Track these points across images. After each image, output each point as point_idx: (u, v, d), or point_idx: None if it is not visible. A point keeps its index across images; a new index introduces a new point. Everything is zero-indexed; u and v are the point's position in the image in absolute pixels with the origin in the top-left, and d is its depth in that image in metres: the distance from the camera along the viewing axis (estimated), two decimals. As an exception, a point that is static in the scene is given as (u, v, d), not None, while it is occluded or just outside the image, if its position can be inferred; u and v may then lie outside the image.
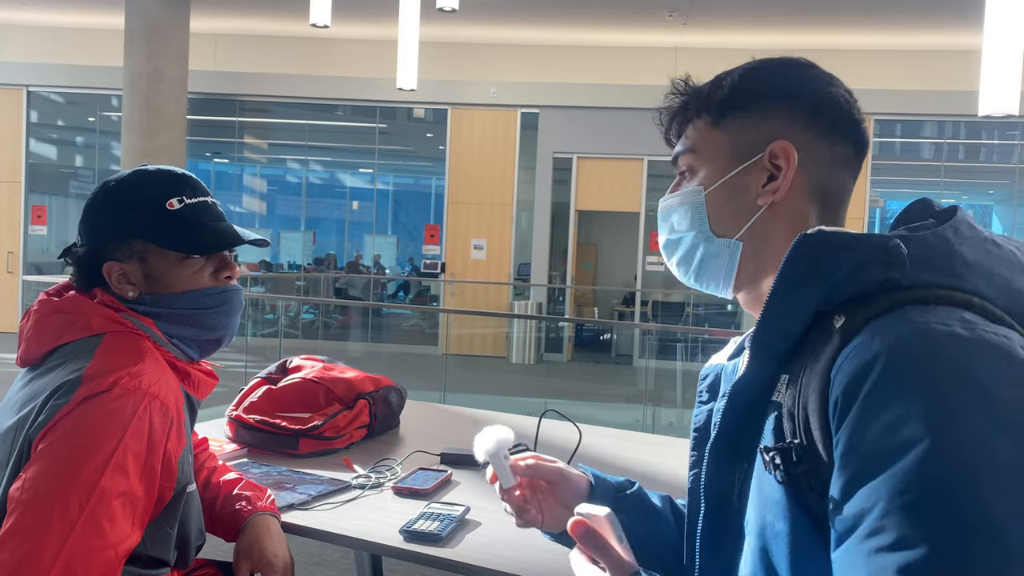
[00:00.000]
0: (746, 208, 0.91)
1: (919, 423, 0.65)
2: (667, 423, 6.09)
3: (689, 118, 0.97)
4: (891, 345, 0.70)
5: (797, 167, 0.89)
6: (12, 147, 10.59)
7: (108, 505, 1.08)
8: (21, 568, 1.01)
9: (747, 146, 0.92)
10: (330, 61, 10.66)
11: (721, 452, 0.88)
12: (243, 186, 14.37)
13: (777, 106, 0.91)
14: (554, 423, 2.07)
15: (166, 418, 1.17)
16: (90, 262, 1.27)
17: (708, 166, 0.94)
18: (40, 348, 1.24)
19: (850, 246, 0.79)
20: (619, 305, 11.46)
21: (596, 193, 10.14)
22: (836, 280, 0.78)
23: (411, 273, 12.27)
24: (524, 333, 10.04)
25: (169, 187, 1.30)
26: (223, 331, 1.35)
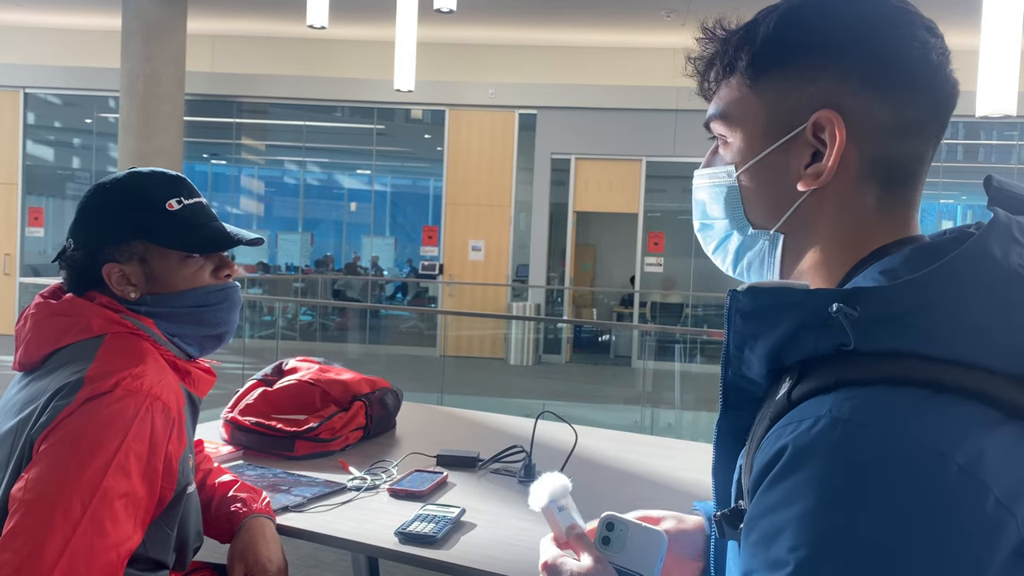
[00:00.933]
0: (786, 194, 0.74)
1: (788, 543, 0.57)
2: (665, 424, 6.08)
3: (724, 73, 0.78)
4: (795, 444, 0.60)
5: (848, 141, 0.70)
6: (9, 149, 10.58)
7: (110, 506, 1.08)
8: (24, 568, 1.01)
9: (787, 115, 0.73)
10: (327, 62, 10.65)
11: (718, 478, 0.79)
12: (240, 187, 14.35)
13: (825, 61, 0.71)
14: (551, 424, 2.06)
15: (168, 419, 1.17)
16: (88, 265, 1.27)
17: (742, 138, 0.77)
18: (40, 351, 1.23)
19: (786, 306, 0.66)
20: (617, 306, 11.45)
21: (594, 194, 10.14)
22: (778, 343, 0.66)
23: (410, 275, 12.26)
24: (522, 334, 10.04)
25: (167, 188, 1.30)
26: (225, 327, 1.36)
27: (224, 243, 1.33)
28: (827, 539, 0.56)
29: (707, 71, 0.79)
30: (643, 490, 1.77)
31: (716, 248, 0.83)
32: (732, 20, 0.78)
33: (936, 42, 0.71)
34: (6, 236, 10.57)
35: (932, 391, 0.59)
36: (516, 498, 1.64)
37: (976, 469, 0.55)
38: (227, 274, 1.36)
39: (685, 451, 2.11)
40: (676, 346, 7.17)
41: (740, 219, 0.79)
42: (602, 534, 0.87)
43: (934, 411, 0.58)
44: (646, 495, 1.72)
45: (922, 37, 0.71)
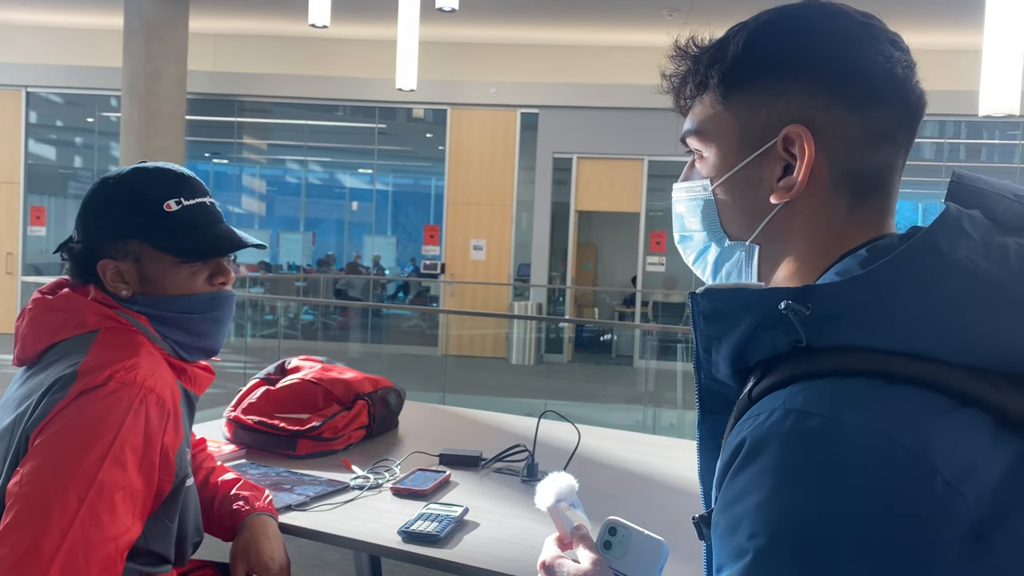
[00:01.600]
0: (760, 206, 0.76)
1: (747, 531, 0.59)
2: (668, 424, 6.08)
3: (694, 91, 0.80)
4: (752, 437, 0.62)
5: (818, 153, 0.72)
6: (11, 148, 10.58)
7: (107, 498, 1.08)
8: (22, 563, 1.01)
9: (758, 130, 0.75)
10: (329, 61, 10.65)
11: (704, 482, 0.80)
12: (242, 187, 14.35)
13: (794, 77, 0.73)
14: (553, 424, 2.06)
15: (162, 411, 1.17)
16: (86, 258, 1.27)
17: (716, 153, 0.78)
18: (36, 346, 1.23)
19: (743, 307, 0.68)
20: (619, 306, 11.45)
21: (596, 193, 10.13)
22: (738, 343, 0.69)
23: (412, 274, 12.26)
24: (524, 334, 10.03)
25: (168, 187, 1.28)
26: (211, 340, 1.33)
27: (218, 249, 1.30)
28: (781, 525, 0.58)
29: (681, 87, 0.81)
30: (646, 490, 1.76)
31: (696, 259, 0.85)
32: (704, 37, 0.80)
33: (901, 56, 0.74)
34: (8, 235, 10.58)
35: (883, 381, 0.61)
36: (519, 497, 1.64)
37: (923, 452, 0.57)
38: (222, 282, 1.32)
39: (688, 451, 2.11)
40: (678, 346, 7.17)
41: (717, 231, 0.80)
42: (604, 538, 0.87)
43: (883, 399, 0.60)
44: (649, 495, 1.72)
45: (887, 51, 0.73)
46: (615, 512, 0.92)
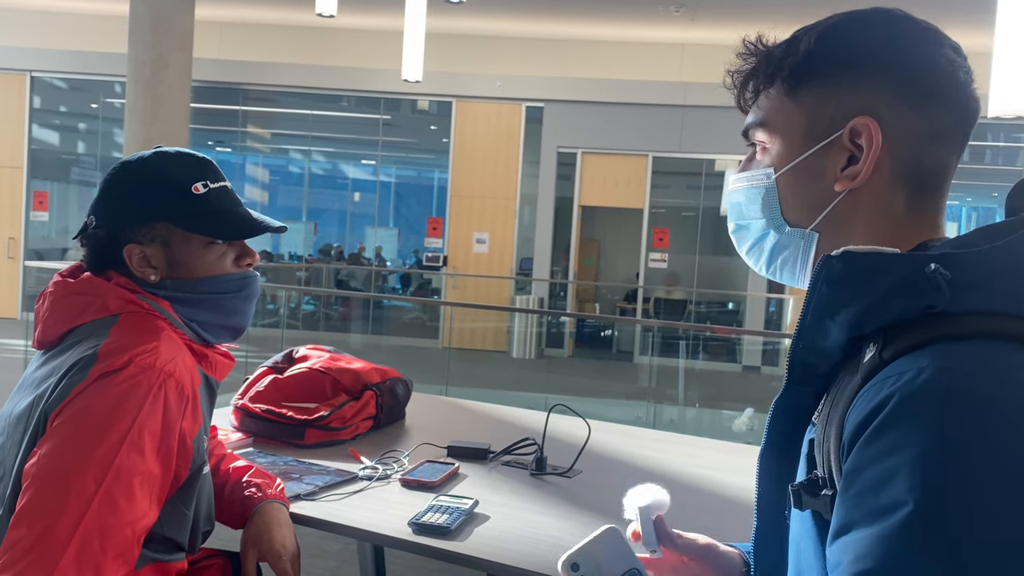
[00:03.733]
0: (822, 195, 0.79)
1: (906, 484, 0.60)
2: (668, 420, 6.08)
3: (762, 85, 0.84)
4: (901, 393, 0.63)
5: (883, 146, 0.76)
6: (14, 132, 10.56)
7: (124, 483, 1.07)
8: (39, 545, 1.01)
9: (825, 122, 0.79)
10: (335, 51, 10.62)
11: (769, 467, 0.83)
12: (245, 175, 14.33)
13: (861, 74, 0.77)
14: (561, 418, 2.05)
15: (182, 397, 1.17)
16: (109, 244, 1.25)
17: (780, 144, 0.82)
18: (57, 329, 1.23)
19: (879, 271, 0.71)
20: (621, 302, 11.44)
21: (600, 189, 10.12)
22: (865, 308, 0.71)
23: (414, 266, 12.26)
24: (525, 328, 10.03)
25: (193, 171, 1.29)
26: (242, 316, 1.35)
27: (250, 230, 1.31)
28: (948, 477, 0.59)
29: (745, 84, 0.86)
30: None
31: (751, 248, 0.88)
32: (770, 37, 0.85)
33: (962, 62, 0.78)
34: (11, 220, 10.56)
35: (1020, 345, 0.65)
36: (528, 491, 1.64)
37: None
38: (248, 263, 1.34)
39: (695, 446, 2.11)
40: (680, 342, 7.17)
41: (777, 218, 0.84)
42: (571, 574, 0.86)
43: None
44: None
45: (950, 56, 0.78)
46: None
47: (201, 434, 1.23)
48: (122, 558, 1.07)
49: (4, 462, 1.14)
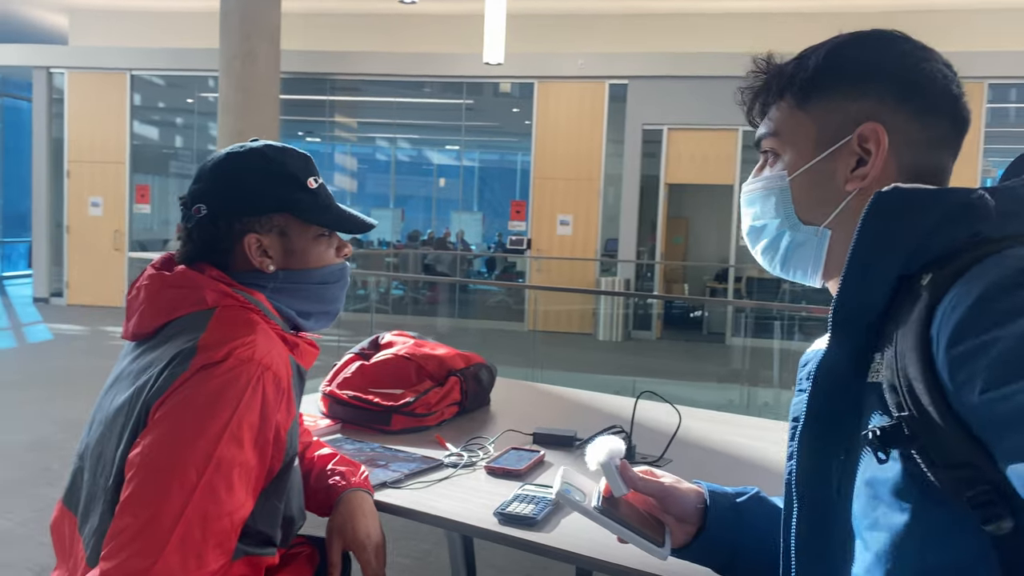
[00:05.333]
0: (834, 194, 0.88)
1: None
2: (762, 404, 5.89)
3: (772, 99, 0.93)
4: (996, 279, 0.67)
5: (888, 150, 0.84)
6: (117, 129, 11.06)
7: (225, 474, 1.08)
8: (144, 533, 1.03)
9: (834, 129, 0.87)
10: (418, 38, 10.69)
11: (811, 443, 0.83)
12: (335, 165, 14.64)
13: (866, 86, 0.86)
14: (649, 403, 1.99)
15: (279, 389, 1.17)
16: (223, 233, 1.26)
17: (792, 150, 0.91)
18: (154, 322, 1.24)
19: (931, 202, 0.77)
20: (711, 281, 11.17)
21: (687, 166, 9.87)
22: (918, 239, 0.76)
23: (498, 249, 12.28)
24: (611, 310, 9.91)
25: (306, 165, 1.33)
26: (339, 304, 1.41)
27: (362, 225, 1.36)
28: None
29: (755, 99, 0.95)
30: (751, 476, 1.68)
31: (766, 247, 0.95)
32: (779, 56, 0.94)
33: (954, 76, 0.87)
34: (116, 213, 11.08)
35: None
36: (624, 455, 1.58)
37: None
38: (346, 253, 1.39)
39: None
40: (774, 323, 6.94)
41: (792, 217, 0.91)
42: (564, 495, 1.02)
43: None
44: (752, 480, 1.63)
45: (944, 71, 0.87)
46: None
47: (294, 426, 1.24)
48: (221, 547, 1.08)
49: (104, 454, 1.16)
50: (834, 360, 0.80)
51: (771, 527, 1.00)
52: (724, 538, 1.02)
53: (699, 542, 1.03)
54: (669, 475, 1.09)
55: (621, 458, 1.03)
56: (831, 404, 0.80)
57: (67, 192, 11.10)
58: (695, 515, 1.04)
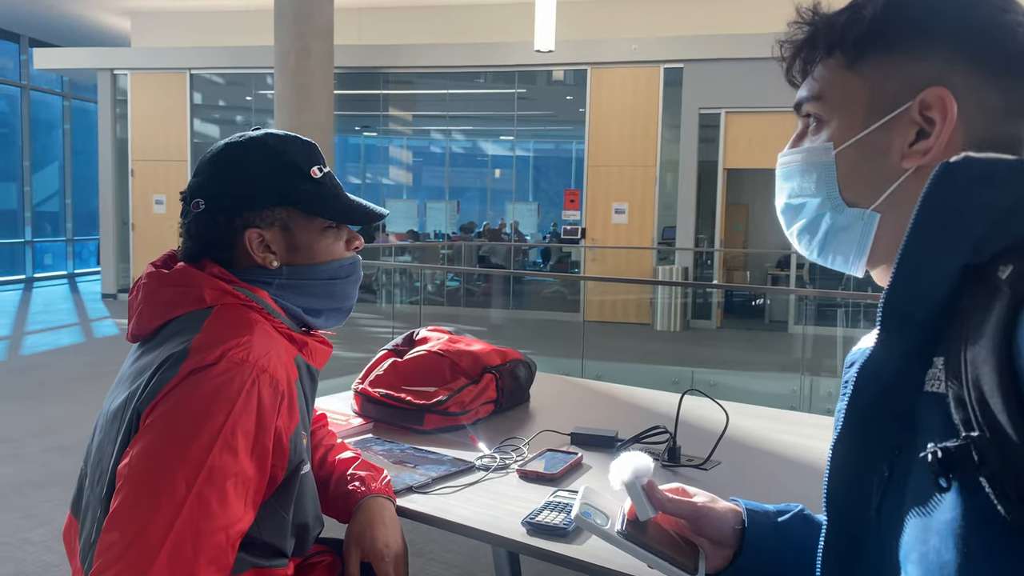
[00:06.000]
0: (886, 172, 0.73)
1: None
2: (826, 393, 5.66)
3: (818, 55, 0.78)
4: None
5: (956, 120, 0.70)
6: (178, 128, 11.29)
7: (217, 485, 1.01)
8: (131, 549, 0.96)
9: (891, 94, 0.73)
10: (468, 28, 10.62)
11: (848, 453, 0.72)
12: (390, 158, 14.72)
13: (933, 42, 0.72)
14: (698, 400, 1.87)
15: (276, 393, 1.10)
16: (223, 229, 1.20)
17: (840, 118, 0.76)
18: (152, 322, 1.18)
19: (1011, 175, 0.65)
20: (773, 268, 10.86)
21: (746, 150, 9.59)
22: (993, 221, 0.64)
23: (552, 239, 12.17)
24: (669, 299, 9.71)
25: (309, 154, 1.25)
26: (351, 300, 1.33)
27: (370, 215, 1.28)
28: None
29: (796, 55, 0.80)
30: (803, 480, 1.55)
31: (803, 228, 0.81)
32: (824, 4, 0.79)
33: None
34: (179, 210, 11.30)
35: None
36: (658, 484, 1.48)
37: None
38: (356, 246, 1.31)
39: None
40: (838, 310, 6.68)
41: (835, 197, 0.77)
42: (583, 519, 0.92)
43: None
44: (806, 486, 1.51)
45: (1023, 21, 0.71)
46: None
47: (299, 431, 1.16)
48: (216, 564, 1.01)
49: (102, 461, 1.11)
50: (882, 361, 0.68)
51: (816, 550, 0.89)
52: (764, 562, 0.92)
53: (736, 567, 0.93)
54: (703, 493, 0.98)
55: (648, 477, 0.93)
56: (875, 411, 0.69)
57: (132, 191, 11.39)
58: (732, 537, 0.93)
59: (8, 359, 7.24)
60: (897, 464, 0.66)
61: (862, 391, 0.70)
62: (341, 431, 1.74)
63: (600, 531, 0.92)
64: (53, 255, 14.72)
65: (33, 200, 13.96)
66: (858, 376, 0.70)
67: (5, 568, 2.98)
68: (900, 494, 0.65)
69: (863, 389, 0.70)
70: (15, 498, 3.68)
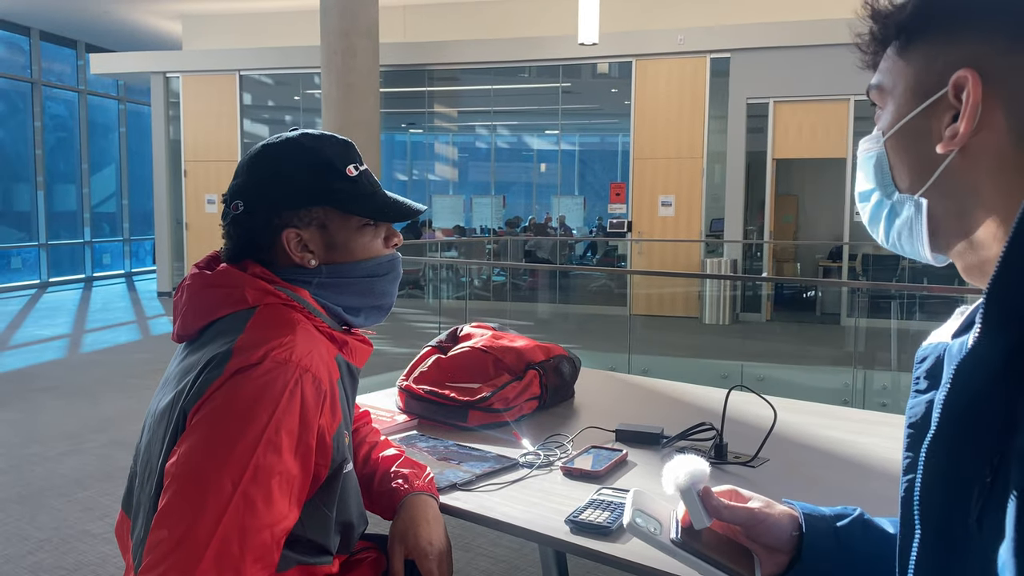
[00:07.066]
0: (926, 157, 0.73)
1: None
2: (880, 387, 5.53)
3: (878, 47, 0.79)
4: None
5: (994, 101, 0.68)
6: (229, 128, 11.51)
7: (263, 484, 1.03)
8: (179, 548, 0.99)
9: (932, 79, 0.72)
10: (512, 22, 10.61)
11: (945, 457, 0.67)
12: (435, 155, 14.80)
13: (970, 22, 0.70)
14: (746, 396, 1.84)
15: (319, 392, 1.11)
16: (261, 229, 1.21)
17: (891, 105, 0.77)
18: (196, 323, 1.20)
19: None
20: (824, 260, 10.64)
21: (795, 140, 9.40)
22: None
23: (598, 233, 12.10)
24: (718, 292, 9.58)
25: (344, 153, 1.25)
26: (390, 298, 1.33)
27: (408, 212, 1.28)
28: None
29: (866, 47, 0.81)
30: (853, 478, 1.51)
31: (871, 217, 0.82)
32: None
33: None
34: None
35: None
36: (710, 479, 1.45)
37: None
38: (395, 243, 1.31)
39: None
40: (892, 302, 6.51)
41: (888, 185, 0.78)
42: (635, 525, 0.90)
43: None
44: (856, 485, 1.47)
45: None
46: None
47: (341, 430, 1.17)
48: (262, 562, 1.03)
49: (150, 460, 1.13)
50: (985, 357, 0.64)
51: (878, 557, 0.86)
52: (822, 570, 0.89)
53: (794, 574, 0.90)
54: (758, 497, 0.95)
55: (704, 483, 0.90)
56: (976, 411, 0.64)
57: (185, 191, 11.65)
58: (789, 543, 0.90)
59: (68, 356, 7.47)
60: (1001, 468, 0.61)
61: (961, 389, 0.66)
62: (386, 428, 1.76)
63: (654, 540, 0.90)
64: (111, 255, 15.15)
65: (91, 202, 14.39)
66: (955, 373, 0.67)
67: (67, 559, 3.08)
68: (1003, 502, 0.60)
69: (962, 387, 0.66)
70: (76, 491, 3.80)
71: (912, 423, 0.73)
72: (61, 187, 14.12)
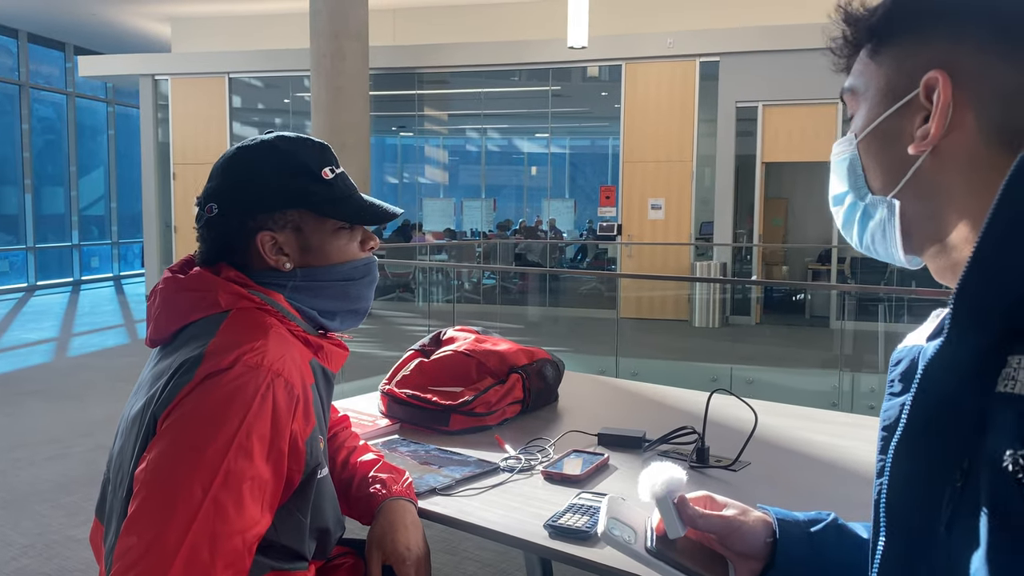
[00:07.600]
0: (898, 159, 0.73)
1: None
2: (868, 390, 5.55)
3: (851, 51, 0.80)
4: None
5: (964, 102, 0.68)
6: (218, 131, 11.47)
7: (233, 490, 1.02)
8: (149, 553, 0.97)
9: (904, 81, 0.72)
10: (501, 26, 10.61)
11: (913, 462, 0.66)
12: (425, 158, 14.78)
13: (941, 23, 0.70)
14: (729, 400, 1.84)
15: (291, 396, 1.10)
16: (235, 232, 1.20)
17: (863, 108, 0.77)
18: (169, 327, 1.19)
19: None
20: (813, 263, 10.68)
21: (785, 143, 9.44)
22: None
23: (588, 236, 12.11)
24: (707, 295, 9.60)
25: (319, 155, 1.24)
26: (366, 302, 1.32)
27: (384, 215, 1.27)
28: None
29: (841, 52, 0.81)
30: (833, 482, 1.51)
31: (844, 220, 0.81)
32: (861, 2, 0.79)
33: None
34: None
35: None
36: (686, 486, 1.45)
37: None
38: (372, 246, 1.30)
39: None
40: (880, 305, 6.54)
41: (861, 187, 0.78)
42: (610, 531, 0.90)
43: None
44: (835, 489, 1.47)
45: None
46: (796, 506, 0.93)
47: (315, 435, 1.16)
48: (233, 568, 1.01)
49: (122, 466, 1.12)
50: (953, 358, 0.63)
51: (851, 562, 0.85)
52: (796, 575, 0.89)
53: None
54: (733, 503, 0.95)
55: (680, 492, 0.91)
56: (944, 413, 0.64)
57: (174, 194, 11.61)
58: (763, 550, 0.90)
59: (55, 360, 7.42)
60: (971, 473, 0.60)
61: (928, 391, 0.65)
62: (368, 432, 1.75)
63: (628, 549, 0.90)
64: (100, 258, 15.07)
65: (80, 204, 14.31)
66: (923, 374, 0.66)
67: (50, 564, 3.06)
68: (975, 508, 0.59)
69: (929, 389, 0.65)
70: (61, 496, 3.77)
71: (886, 426, 0.72)
72: (49, 190, 14.05)
